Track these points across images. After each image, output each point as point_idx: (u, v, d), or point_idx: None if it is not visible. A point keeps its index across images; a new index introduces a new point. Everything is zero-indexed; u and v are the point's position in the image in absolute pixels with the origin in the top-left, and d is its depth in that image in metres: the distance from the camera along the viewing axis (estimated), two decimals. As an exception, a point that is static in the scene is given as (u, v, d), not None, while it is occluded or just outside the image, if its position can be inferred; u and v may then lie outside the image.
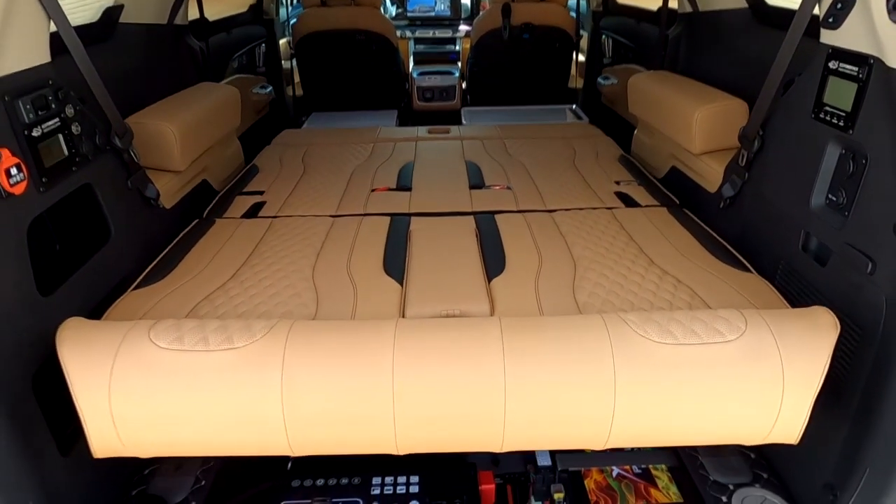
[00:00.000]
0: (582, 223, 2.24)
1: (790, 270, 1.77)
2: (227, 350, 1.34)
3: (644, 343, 1.35)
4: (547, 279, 1.83)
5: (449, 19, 5.61)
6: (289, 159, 3.08)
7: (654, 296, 1.74)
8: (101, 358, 1.34)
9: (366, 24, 4.39)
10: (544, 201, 2.48)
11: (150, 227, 2.11)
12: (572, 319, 1.44)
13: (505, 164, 2.94)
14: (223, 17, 3.70)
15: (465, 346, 1.37)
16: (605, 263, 1.92)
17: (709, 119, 2.29)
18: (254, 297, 1.76)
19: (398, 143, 3.32)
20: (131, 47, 2.47)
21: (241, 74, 3.83)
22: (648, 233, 2.14)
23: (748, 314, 1.40)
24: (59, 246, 1.71)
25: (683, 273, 1.85)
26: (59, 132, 1.63)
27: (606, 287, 1.78)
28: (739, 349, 1.34)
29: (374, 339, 1.38)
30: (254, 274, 1.90)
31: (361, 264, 1.95)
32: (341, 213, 2.40)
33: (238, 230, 2.25)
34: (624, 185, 2.65)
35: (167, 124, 2.23)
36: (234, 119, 2.93)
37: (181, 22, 2.84)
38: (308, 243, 2.11)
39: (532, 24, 4.42)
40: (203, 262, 1.99)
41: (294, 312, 1.69)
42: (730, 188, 2.10)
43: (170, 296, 1.77)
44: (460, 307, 1.68)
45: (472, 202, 2.48)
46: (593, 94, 4.40)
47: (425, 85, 4.74)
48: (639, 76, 2.96)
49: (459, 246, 2.05)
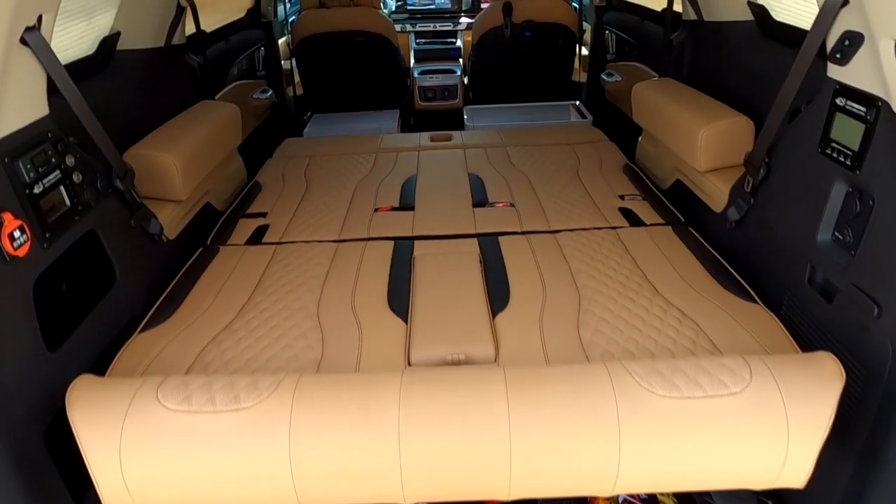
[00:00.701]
0: (586, 245, 2.23)
1: (796, 303, 1.76)
2: (235, 411, 1.35)
3: (648, 397, 1.35)
4: (551, 315, 1.82)
5: (450, 12, 5.53)
6: (291, 174, 3.07)
7: (658, 332, 1.74)
8: (110, 420, 1.35)
9: (365, 24, 4.33)
10: (548, 220, 2.46)
11: (155, 263, 2.12)
12: (576, 371, 1.44)
13: (508, 176, 2.92)
14: (221, 25, 3.66)
15: (470, 400, 1.38)
16: (609, 294, 1.91)
17: (714, 137, 2.26)
18: (260, 340, 1.77)
19: (400, 154, 3.30)
20: (130, 74, 2.46)
21: (241, 81, 3.80)
22: (653, 257, 2.13)
23: (753, 363, 1.40)
24: (65, 295, 1.72)
25: (688, 305, 1.85)
26: (61, 184, 1.63)
27: (611, 323, 1.78)
28: (744, 401, 1.34)
29: (380, 395, 1.39)
30: (259, 313, 1.91)
31: (366, 299, 1.95)
32: (345, 238, 2.40)
33: (242, 259, 2.25)
34: (628, 199, 2.63)
35: (168, 155, 2.22)
36: (236, 138, 2.92)
37: (178, 41, 2.81)
38: (312, 275, 2.11)
39: (534, 22, 4.35)
40: (208, 298, 2.00)
41: (300, 357, 1.71)
42: (735, 212, 2.08)
43: (176, 339, 1.79)
44: (465, 350, 1.69)
45: (475, 222, 2.48)
46: (597, 91, 4.34)
47: (427, 84, 4.69)
48: (643, 85, 2.92)
49: (463, 276, 2.05)
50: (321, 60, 4.46)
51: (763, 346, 1.65)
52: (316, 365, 1.68)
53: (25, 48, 1.53)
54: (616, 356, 1.66)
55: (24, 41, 1.51)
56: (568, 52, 4.63)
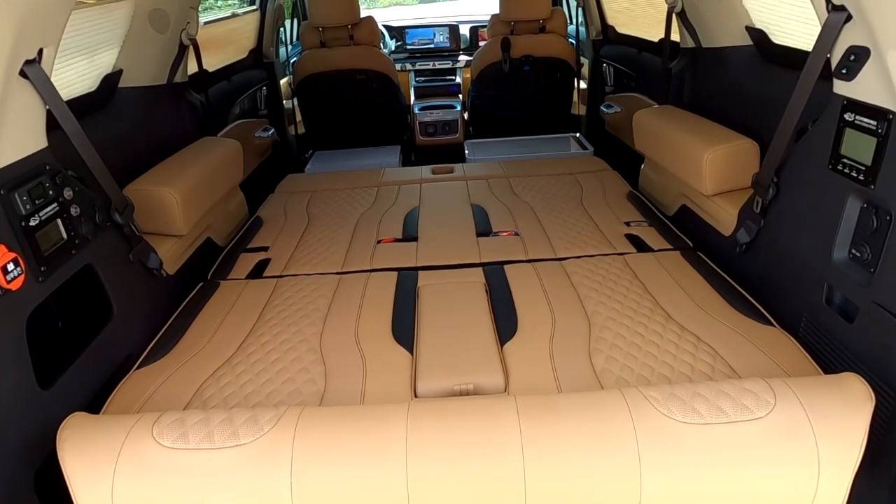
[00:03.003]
0: (594, 272, 2.19)
1: (814, 325, 1.70)
2: (234, 447, 1.29)
3: (669, 424, 1.28)
4: (561, 342, 1.77)
5: (448, 50, 5.62)
6: (293, 209, 3.05)
7: (674, 358, 1.67)
8: (103, 458, 1.29)
9: (365, 63, 4.39)
10: (554, 248, 2.43)
11: (154, 298, 2.08)
12: (591, 398, 1.38)
13: (511, 206, 2.89)
14: (224, 65, 3.71)
15: (481, 431, 1.32)
16: (620, 321, 1.86)
17: (719, 160, 2.24)
18: (260, 374, 1.71)
19: (402, 187, 3.29)
20: (131, 111, 2.46)
21: (242, 120, 3.82)
22: (663, 282, 2.08)
23: (776, 386, 1.34)
24: (60, 331, 1.67)
25: (703, 329, 1.79)
26: (58, 217, 1.61)
27: (623, 349, 1.72)
28: (770, 427, 1.27)
29: (386, 427, 1.33)
30: (260, 346, 1.85)
31: (369, 330, 1.90)
32: (347, 270, 2.36)
33: (243, 293, 2.21)
34: (634, 226, 2.59)
35: (168, 190, 2.20)
36: (237, 174, 2.91)
37: (181, 79, 2.83)
38: (314, 307, 2.07)
39: (532, 56, 4.41)
40: (208, 333, 1.95)
41: (302, 390, 1.64)
42: (745, 234, 2.04)
43: (174, 375, 1.73)
44: (473, 380, 1.62)
45: (480, 252, 2.44)
46: (596, 122, 4.36)
47: (427, 120, 4.72)
48: (643, 112, 2.92)
49: (469, 305, 2.00)
50: (322, 98, 4.50)
51: (784, 370, 1.58)
52: (319, 398, 1.61)
53: (25, 81, 1.52)
54: (631, 383, 1.59)
55: (24, 74, 1.50)
56: (566, 86, 4.68)
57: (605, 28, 4.24)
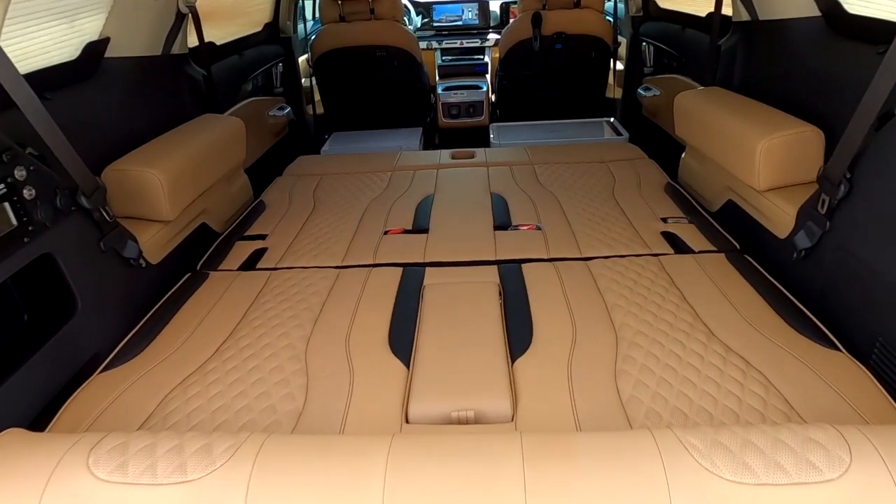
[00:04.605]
0: (623, 275, 1.91)
1: (891, 352, 1.41)
2: (179, 484, 1.07)
3: (712, 481, 1.02)
4: (582, 361, 1.51)
5: (477, 28, 5.32)
6: (299, 193, 2.84)
7: (717, 387, 1.40)
8: (28, 489, 1.09)
9: (386, 39, 4.13)
10: (579, 246, 2.15)
11: (132, 291, 1.88)
12: (614, 440, 1.12)
13: (535, 196, 2.62)
14: (234, 38, 3.50)
15: (475, 479, 1.07)
16: (653, 337, 1.59)
17: (776, 151, 1.93)
18: (234, 385, 1.50)
19: (418, 172, 3.04)
20: (120, 83, 2.25)
21: (256, 97, 3.62)
22: (705, 290, 1.80)
23: (851, 436, 1.06)
24: (10, 328, 1.48)
25: (752, 351, 1.51)
26: (6, 200, 1.41)
27: (656, 373, 1.46)
28: (845, 492, 1.00)
29: (362, 466, 1.09)
30: (239, 351, 1.64)
31: (363, 337, 1.67)
32: (348, 265, 2.13)
33: (231, 287, 2.00)
34: (672, 222, 2.30)
35: (153, 171, 2.00)
36: (239, 153, 2.70)
37: (180, 51, 2.62)
38: (306, 306, 1.85)
39: (565, 34, 4.08)
40: (185, 333, 1.74)
41: (277, 408, 1.42)
42: (806, 238, 1.74)
43: (139, 382, 1.53)
44: (475, 405, 1.38)
45: (496, 247, 2.18)
46: (633, 106, 4.03)
47: (451, 101, 4.44)
48: (686, 94, 2.60)
49: (478, 310, 1.75)
50: (341, 76, 4.27)
51: (854, 408, 1.30)
52: (295, 418, 1.39)
53: None
54: (664, 418, 1.33)
55: None
56: (601, 66, 4.34)
57: (646, 3, 3.89)
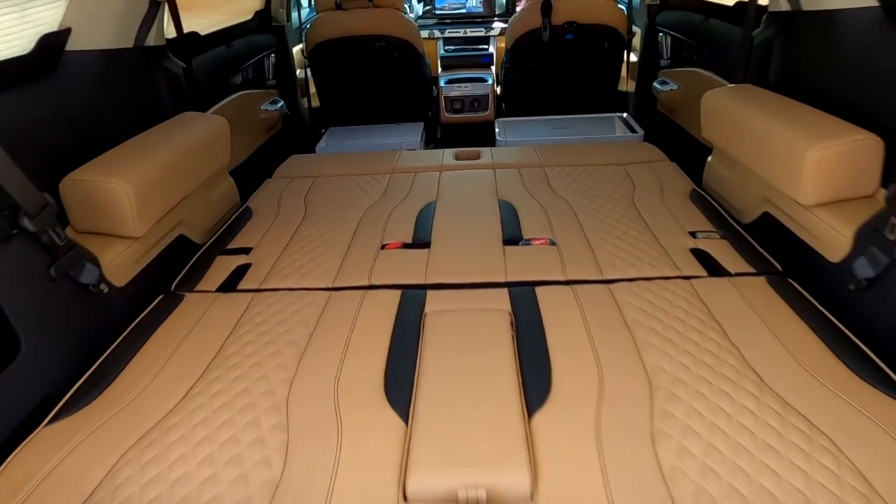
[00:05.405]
0: (653, 303, 1.68)
1: None
2: None
3: None
4: (612, 419, 1.27)
5: (482, 16, 5.04)
6: (289, 198, 2.60)
7: (777, 457, 1.17)
8: None
9: (385, 28, 3.86)
10: (599, 266, 1.91)
11: (90, 322, 1.65)
12: None
13: (547, 204, 2.38)
14: (221, 28, 3.23)
15: None
16: (693, 386, 1.35)
17: (828, 161, 1.68)
18: (200, 446, 1.27)
19: (419, 175, 2.79)
20: (84, 80, 2.01)
21: (246, 90, 3.36)
22: (748, 325, 1.56)
23: None
24: None
25: (815, 408, 1.27)
26: None
27: (702, 436, 1.22)
28: None
29: None
30: (210, 399, 1.41)
31: (354, 382, 1.44)
32: (340, 286, 1.89)
33: (208, 312, 1.77)
34: (702, 237, 2.06)
35: (116, 181, 1.75)
36: (222, 156, 2.45)
37: (155, 42, 2.37)
38: (290, 339, 1.61)
39: (576, 23, 3.81)
40: (149, 373, 1.51)
41: (249, 477, 1.19)
42: (868, 266, 1.50)
43: (89, 439, 1.30)
44: (487, 479, 1.14)
45: (506, 267, 1.94)
46: (647, 101, 3.77)
47: (454, 94, 4.18)
48: (716, 92, 2.35)
49: (488, 348, 1.52)
50: (337, 67, 4.01)
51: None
52: (271, 492, 1.16)
53: None
54: (717, 501, 1.10)
55: None
56: (615, 58, 4.07)
57: (665, -10, 3.63)
